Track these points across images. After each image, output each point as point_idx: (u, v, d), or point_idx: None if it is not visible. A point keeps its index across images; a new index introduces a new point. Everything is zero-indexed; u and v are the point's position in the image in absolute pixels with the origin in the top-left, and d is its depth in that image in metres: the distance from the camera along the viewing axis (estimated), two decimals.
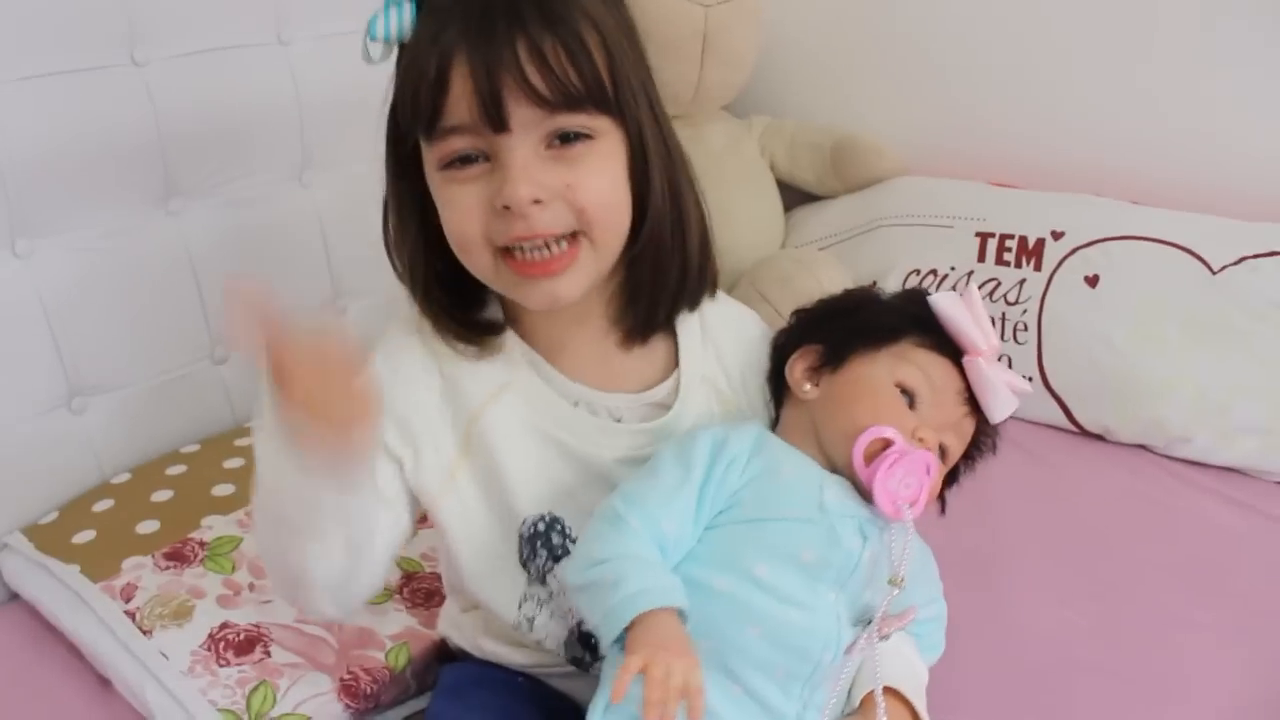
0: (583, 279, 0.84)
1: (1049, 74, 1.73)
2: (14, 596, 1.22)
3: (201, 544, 1.17)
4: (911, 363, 0.89)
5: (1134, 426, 1.52)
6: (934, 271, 1.67)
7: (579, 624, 0.92)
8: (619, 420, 0.92)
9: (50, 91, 1.22)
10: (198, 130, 1.36)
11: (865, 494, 0.84)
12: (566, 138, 0.80)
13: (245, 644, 1.05)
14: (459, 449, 0.91)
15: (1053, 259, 1.60)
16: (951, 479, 0.94)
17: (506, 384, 0.91)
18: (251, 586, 1.12)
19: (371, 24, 0.81)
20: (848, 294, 1.00)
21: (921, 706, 0.88)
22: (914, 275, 1.68)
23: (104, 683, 1.09)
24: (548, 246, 0.81)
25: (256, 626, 1.07)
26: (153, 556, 1.16)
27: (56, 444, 1.29)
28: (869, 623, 0.83)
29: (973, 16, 1.77)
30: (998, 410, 0.89)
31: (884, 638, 0.83)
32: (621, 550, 0.79)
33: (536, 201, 0.79)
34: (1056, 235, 1.61)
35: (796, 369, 0.92)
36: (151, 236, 1.34)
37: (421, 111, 0.79)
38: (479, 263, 0.84)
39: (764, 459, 0.86)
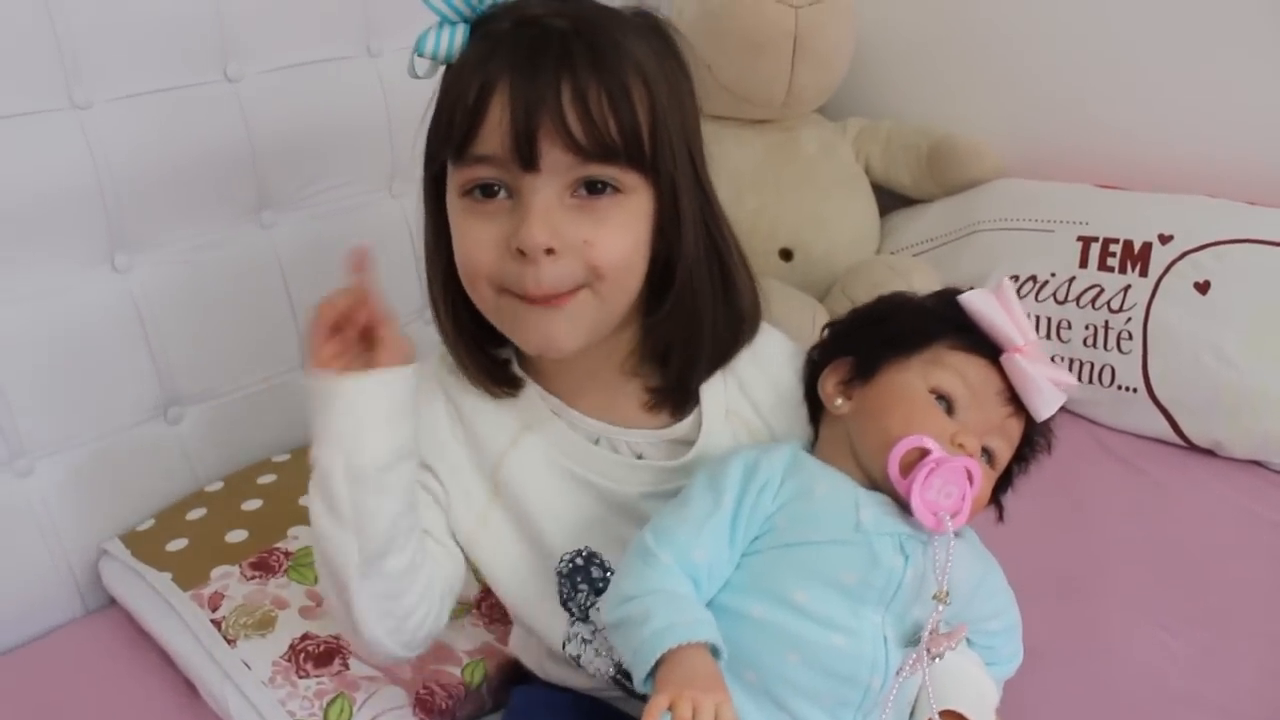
0: (581, 327, 0.82)
1: (1157, 68, 1.66)
2: (113, 601, 1.26)
3: (287, 554, 1.19)
4: (946, 366, 0.86)
5: (1248, 441, 1.44)
6: (1033, 278, 1.61)
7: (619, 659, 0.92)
8: (640, 457, 0.91)
9: (147, 109, 1.25)
10: (289, 143, 1.38)
11: (906, 508, 0.81)
12: (593, 187, 0.79)
13: (325, 656, 1.07)
14: (488, 495, 0.91)
15: (1160, 264, 1.53)
16: (1006, 483, 0.91)
17: (526, 426, 0.91)
18: None
19: (421, 40, 0.80)
20: (879, 301, 0.97)
21: None
22: (1012, 282, 1.62)
23: (191, 689, 1.11)
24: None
25: (336, 638, 1.08)
26: (240, 566, 1.18)
27: (153, 452, 1.32)
28: (919, 642, 0.80)
29: (1073, 11, 1.71)
30: (1043, 407, 0.85)
31: (936, 657, 0.80)
32: (651, 585, 0.78)
33: (550, 251, 0.77)
34: (1164, 239, 1.54)
35: (828, 384, 0.90)
36: (244, 248, 1.37)
37: (454, 134, 0.78)
38: (482, 295, 0.83)
39: (797, 481, 0.84)
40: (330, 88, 1.42)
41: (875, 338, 0.89)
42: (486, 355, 0.90)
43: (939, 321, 0.88)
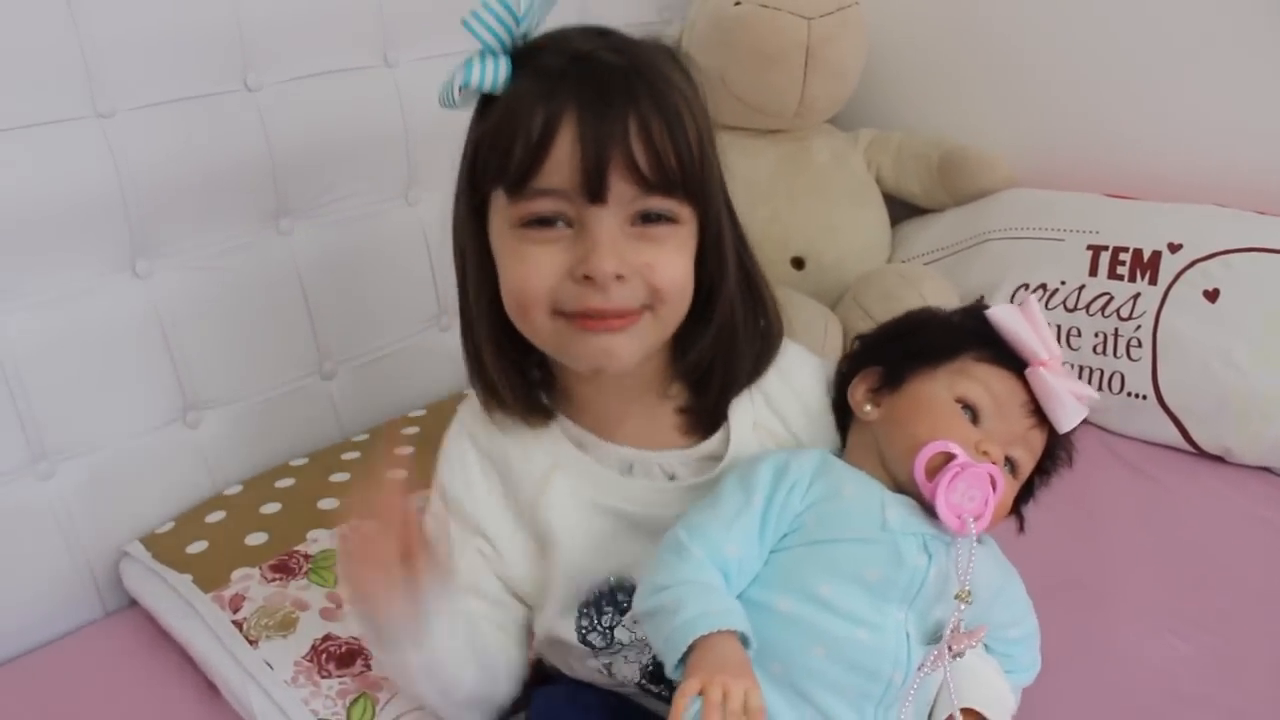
0: (639, 346, 0.84)
1: (1165, 79, 1.67)
2: (133, 602, 1.27)
3: (306, 557, 1.20)
4: (972, 377, 0.89)
5: (1257, 448, 1.45)
6: (1043, 286, 1.62)
7: (648, 663, 0.93)
8: (673, 478, 0.93)
9: (168, 118, 1.27)
10: (307, 151, 1.40)
11: (931, 511, 0.83)
12: (650, 218, 0.81)
13: (347, 656, 1.07)
14: (535, 540, 0.93)
15: (1170, 272, 1.54)
16: (1027, 494, 0.93)
17: (554, 466, 0.92)
18: None
19: (467, 70, 0.80)
20: (907, 316, 1.00)
21: None
22: (1023, 290, 1.64)
23: (212, 689, 1.12)
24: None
25: (358, 640, 1.09)
26: (260, 568, 1.19)
27: (172, 456, 1.34)
28: (940, 640, 0.82)
29: (1083, 22, 1.72)
30: (1065, 420, 0.88)
31: (957, 655, 0.82)
32: (682, 576, 0.80)
33: (619, 277, 0.79)
34: (1174, 248, 1.55)
35: (858, 391, 0.93)
36: (263, 255, 1.38)
37: (514, 168, 0.79)
38: (536, 321, 0.83)
39: (826, 482, 0.86)
40: (348, 97, 1.43)
41: (904, 349, 0.93)
42: (526, 380, 0.92)
43: (966, 335, 0.91)
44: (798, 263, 1.76)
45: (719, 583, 0.81)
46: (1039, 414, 0.88)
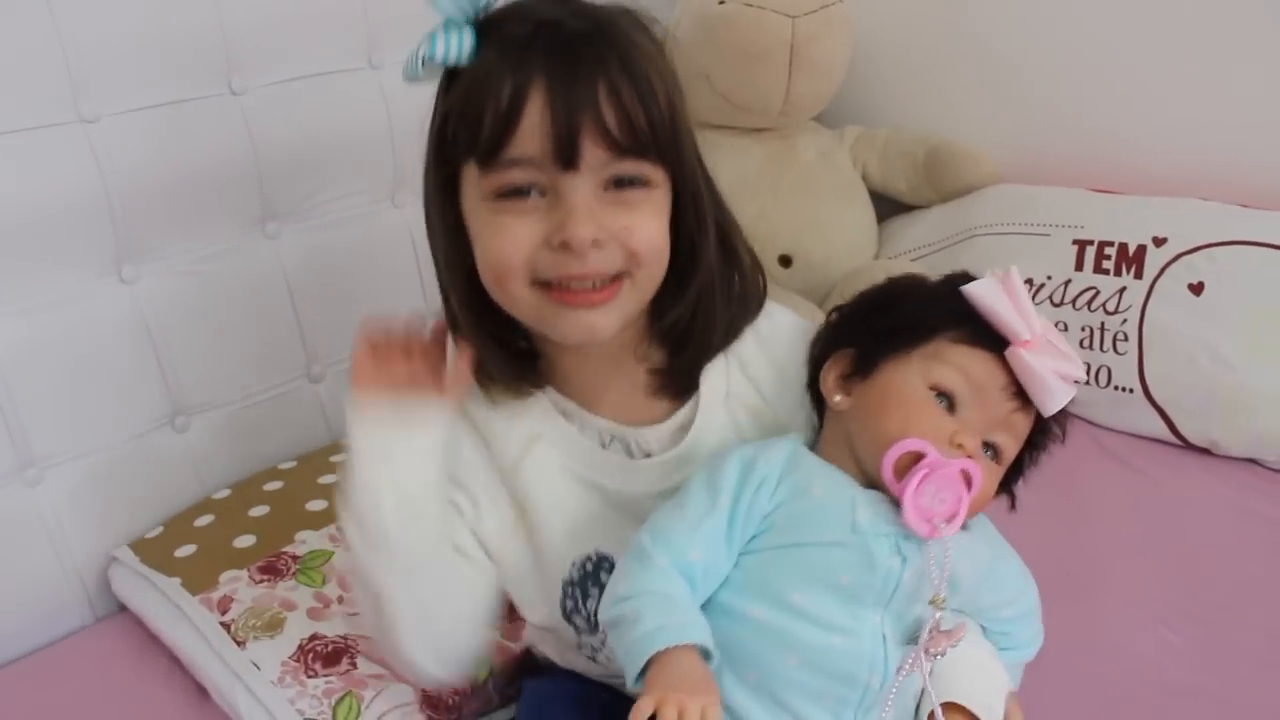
0: (618, 317, 0.84)
1: (1148, 75, 1.68)
2: (123, 607, 1.28)
3: (294, 558, 1.21)
4: (947, 362, 0.83)
5: (1243, 439, 1.46)
6: (1029, 281, 1.62)
7: None
8: (649, 454, 0.92)
9: (153, 122, 1.27)
10: (293, 155, 1.40)
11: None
12: (622, 182, 0.80)
13: (333, 655, 1.08)
14: (514, 508, 0.93)
15: (1154, 266, 1.55)
16: (1017, 472, 0.88)
17: (537, 436, 0.92)
18: (340, 599, 1.15)
19: (431, 41, 0.80)
20: (889, 285, 0.93)
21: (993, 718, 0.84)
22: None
23: (202, 691, 1.13)
24: (591, 282, 0.81)
25: (344, 638, 1.09)
26: (248, 570, 1.20)
27: (161, 461, 1.34)
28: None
29: (1067, 18, 1.73)
30: (1049, 403, 0.82)
31: (937, 655, 0.79)
32: (643, 586, 0.79)
33: (596, 242, 0.79)
34: (1158, 241, 1.56)
35: (829, 378, 0.88)
36: (249, 259, 1.39)
37: (484, 139, 0.78)
38: (515, 292, 0.82)
39: (795, 479, 0.83)
40: (333, 100, 1.44)
41: (879, 329, 0.87)
42: (510, 351, 0.91)
43: (942, 313, 0.85)
44: (785, 260, 1.76)
45: (681, 592, 0.79)
46: (1022, 395, 0.83)
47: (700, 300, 0.88)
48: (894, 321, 0.86)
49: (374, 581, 0.86)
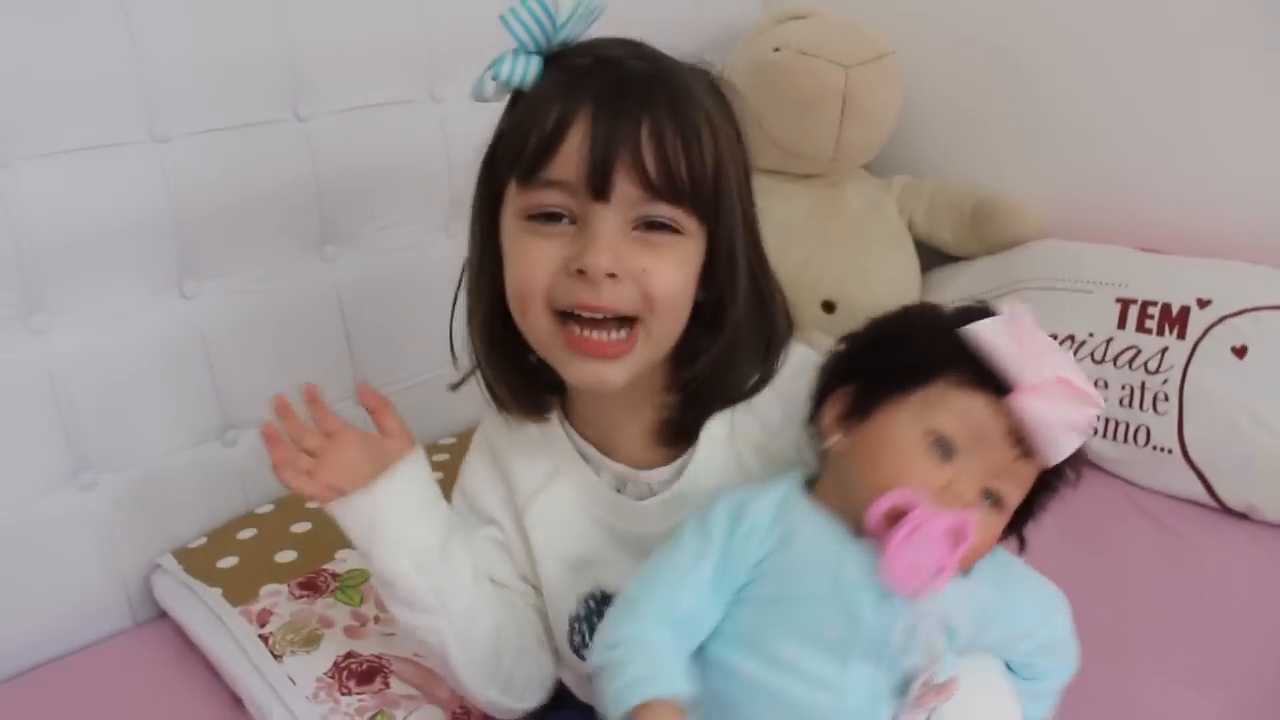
0: (631, 369, 0.84)
1: (1197, 134, 1.68)
2: (162, 614, 1.30)
3: (334, 575, 1.23)
4: (945, 408, 0.78)
5: None
6: (1071, 337, 1.63)
7: None
8: (656, 494, 0.93)
9: (220, 145, 1.31)
10: (352, 181, 1.44)
11: None
12: (653, 225, 0.81)
13: (367, 674, 1.10)
14: (523, 540, 0.96)
15: (1198, 327, 1.54)
16: (1028, 513, 0.84)
17: (554, 472, 0.94)
18: (376, 619, 1.17)
19: (498, 64, 0.82)
20: (899, 316, 0.88)
21: None
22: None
23: (236, 701, 1.15)
24: (606, 330, 0.82)
25: (379, 657, 1.11)
26: (288, 585, 1.22)
27: (208, 474, 1.37)
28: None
29: (1118, 76, 1.74)
30: (1052, 453, 0.78)
31: (930, 711, 0.78)
32: (628, 635, 0.79)
33: (612, 275, 0.79)
34: (1203, 303, 1.55)
35: (827, 416, 0.85)
36: (305, 280, 1.42)
37: (526, 156, 0.80)
38: (534, 320, 0.84)
39: (785, 526, 0.81)
40: (394, 130, 1.47)
41: (880, 367, 0.83)
42: (525, 375, 0.92)
43: (946, 352, 0.80)
44: (829, 306, 1.78)
45: (665, 642, 0.79)
46: (1026, 442, 0.78)
47: (723, 358, 0.88)
48: (895, 361, 0.82)
49: (432, 641, 0.91)
